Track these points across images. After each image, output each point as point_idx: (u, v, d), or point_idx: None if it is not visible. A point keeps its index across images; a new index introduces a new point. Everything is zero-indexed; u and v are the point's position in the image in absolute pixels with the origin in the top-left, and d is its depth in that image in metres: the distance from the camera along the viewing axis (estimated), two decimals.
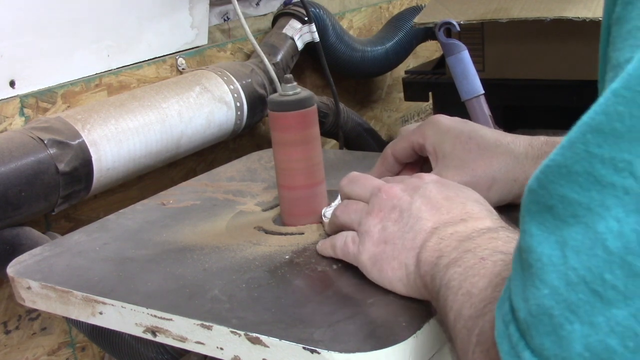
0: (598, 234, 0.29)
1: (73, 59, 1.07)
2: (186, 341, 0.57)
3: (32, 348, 1.03)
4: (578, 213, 0.30)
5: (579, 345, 0.29)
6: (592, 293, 0.28)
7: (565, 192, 0.30)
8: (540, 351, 0.31)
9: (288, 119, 0.70)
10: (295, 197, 0.72)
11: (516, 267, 0.34)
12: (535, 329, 0.31)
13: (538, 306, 0.31)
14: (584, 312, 0.29)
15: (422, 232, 0.54)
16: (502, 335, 0.34)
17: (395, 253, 0.55)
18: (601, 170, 0.29)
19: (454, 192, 0.57)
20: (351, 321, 0.53)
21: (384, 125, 1.85)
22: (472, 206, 0.55)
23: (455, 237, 0.51)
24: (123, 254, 0.71)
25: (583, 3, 1.07)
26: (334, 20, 1.46)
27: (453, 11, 1.19)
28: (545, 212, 0.31)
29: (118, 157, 0.97)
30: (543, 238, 0.31)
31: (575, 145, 0.30)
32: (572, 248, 0.30)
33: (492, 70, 1.28)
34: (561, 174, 0.30)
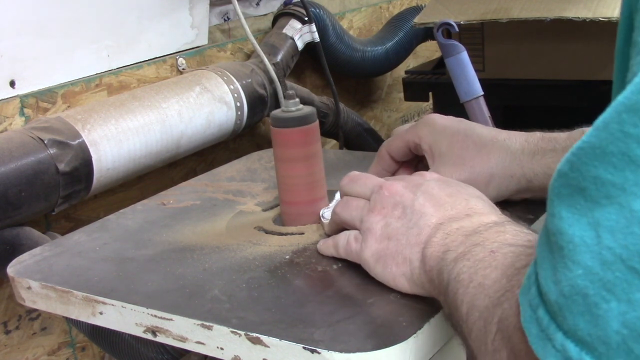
0: (634, 212, 0.28)
1: (73, 59, 1.07)
2: (186, 341, 0.57)
3: (32, 348, 1.03)
4: (612, 194, 0.29)
5: (616, 323, 0.28)
6: (629, 270, 0.28)
7: (598, 173, 0.30)
8: (574, 332, 0.30)
9: (290, 135, 0.71)
10: (297, 212, 0.73)
11: (543, 252, 0.33)
12: (568, 309, 0.30)
13: (571, 287, 0.30)
14: (621, 289, 0.28)
15: (426, 228, 0.54)
16: (529, 320, 0.34)
17: (399, 249, 0.55)
18: (637, 150, 0.28)
19: (455, 188, 0.57)
20: (351, 321, 0.53)
21: (384, 125, 1.85)
22: (475, 202, 0.55)
23: (461, 232, 0.51)
24: (123, 254, 0.71)
25: (583, 3, 1.07)
26: (334, 20, 1.46)
27: (453, 11, 1.19)
28: (577, 195, 0.31)
29: (118, 157, 0.97)
30: (574, 220, 0.31)
31: (610, 125, 0.30)
32: (606, 228, 0.29)
33: (492, 70, 1.28)
34: (595, 155, 0.30)
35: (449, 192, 0.56)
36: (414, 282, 0.54)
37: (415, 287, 0.54)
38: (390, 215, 0.57)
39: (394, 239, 0.56)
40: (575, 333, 0.30)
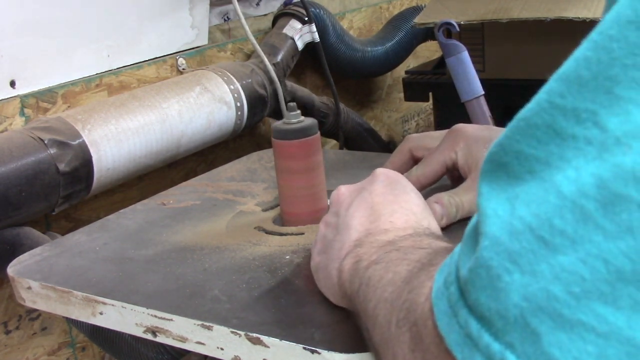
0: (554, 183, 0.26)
1: (73, 59, 1.07)
2: (186, 341, 0.57)
3: (33, 348, 1.03)
4: (534, 168, 0.27)
5: (516, 296, 0.26)
6: (537, 240, 0.26)
7: (521, 148, 0.28)
8: (476, 307, 0.28)
9: (292, 148, 0.71)
10: (299, 222, 0.73)
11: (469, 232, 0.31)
12: (472, 284, 0.28)
13: (476, 259, 0.28)
14: (526, 261, 0.26)
15: (348, 242, 0.52)
16: (440, 297, 0.32)
17: (327, 263, 0.55)
18: (562, 123, 0.26)
19: (393, 196, 0.54)
20: (351, 321, 0.53)
21: (384, 125, 1.85)
22: (399, 216, 0.52)
23: (375, 244, 0.49)
24: (123, 254, 0.71)
25: (583, 3, 1.07)
26: (334, 21, 1.46)
27: (453, 11, 1.19)
28: (499, 170, 0.29)
29: (118, 157, 0.97)
30: (493, 195, 0.28)
31: (539, 96, 0.28)
32: (523, 200, 0.27)
33: (492, 70, 1.28)
34: (519, 128, 0.28)
35: (382, 201, 0.54)
36: (335, 295, 0.53)
37: (339, 301, 0.54)
38: (328, 225, 0.57)
39: (325, 253, 0.55)
40: (477, 308, 0.28)
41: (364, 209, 0.54)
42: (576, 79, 0.26)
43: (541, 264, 0.25)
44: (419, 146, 0.74)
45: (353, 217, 0.53)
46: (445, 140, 0.70)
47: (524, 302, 0.26)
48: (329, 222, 0.57)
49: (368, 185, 0.56)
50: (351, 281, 0.48)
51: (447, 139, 0.69)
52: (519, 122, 0.28)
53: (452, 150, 0.68)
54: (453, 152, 0.68)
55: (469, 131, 0.69)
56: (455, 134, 0.69)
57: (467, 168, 0.68)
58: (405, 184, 0.57)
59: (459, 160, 0.68)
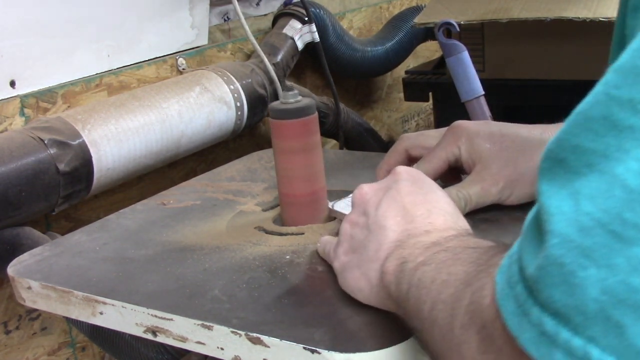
0: (616, 176, 0.26)
1: (73, 59, 1.07)
2: (187, 341, 0.57)
3: (33, 348, 1.03)
4: (593, 162, 0.27)
5: (594, 290, 0.26)
6: (609, 235, 0.26)
7: (579, 142, 0.28)
8: (550, 304, 0.28)
9: (289, 127, 0.70)
10: (296, 203, 0.73)
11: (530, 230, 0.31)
12: (543, 282, 0.28)
13: (546, 257, 0.28)
14: (600, 255, 0.26)
15: (386, 244, 0.52)
16: (505, 297, 0.32)
17: (359, 263, 0.54)
18: (619, 114, 0.26)
19: (422, 195, 0.55)
20: (352, 321, 0.53)
21: (384, 125, 1.85)
22: (436, 217, 0.52)
23: (419, 245, 0.49)
24: (123, 254, 0.71)
25: (583, 3, 1.07)
26: (334, 21, 1.46)
27: (453, 11, 1.19)
28: (556, 167, 0.29)
29: (118, 157, 0.97)
30: (553, 192, 0.28)
31: (596, 89, 0.28)
32: (586, 195, 0.27)
33: (492, 70, 1.28)
34: (576, 122, 0.28)
35: (413, 200, 0.54)
36: (373, 297, 0.53)
37: (374, 302, 0.53)
38: (356, 225, 0.57)
39: (357, 253, 0.55)
40: (551, 306, 0.28)
41: (395, 208, 0.54)
42: (632, 69, 0.26)
43: (617, 258, 0.26)
44: (414, 145, 0.74)
45: (386, 218, 0.53)
46: (446, 137, 0.70)
47: (603, 296, 0.26)
48: (355, 222, 0.57)
49: (393, 184, 0.56)
50: (398, 283, 0.48)
51: (448, 136, 0.70)
52: (577, 116, 0.28)
53: (454, 146, 0.69)
54: (455, 147, 0.69)
55: (470, 126, 0.69)
56: (456, 130, 0.69)
57: (471, 162, 0.68)
58: (430, 182, 0.57)
59: (463, 155, 0.68)
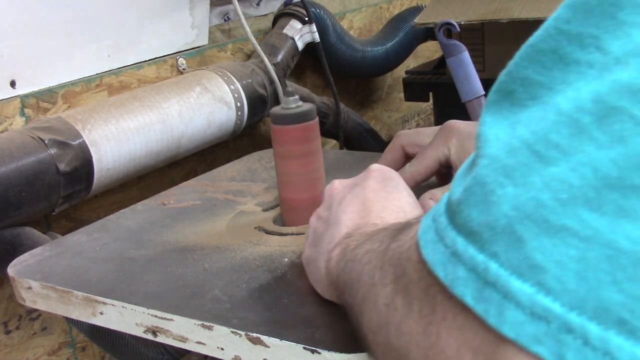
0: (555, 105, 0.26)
1: (73, 59, 1.07)
2: (187, 341, 0.57)
3: (33, 348, 1.03)
4: (538, 94, 0.27)
5: (507, 206, 0.26)
6: (532, 154, 0.26)
7: (527, 74, 0.28)
8: (466, 224, 0.28)
9: (290, 132, 0.71)
10: (297, 208, 0.73)
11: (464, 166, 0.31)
12: (465, 203, 0.28)
13: (473, 178, 0.28)
14: (519, 174, 0.26)
15: (336, 237, 0.52)
16: (426, 230, 0.31)
17: (316, 256, 0.55)
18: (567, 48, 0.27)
19: (385, 193, 0.54)
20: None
21: (384, 126, 1.85)
22: (389, 213, 0.52)
23: (365, 234, 0.48)
24: (123, 254, 0.71)
25: None
26: (334, 21, 1.46)
27: (453, 11, 1.19)
28: (504, 100, 0.29)
29: (118, 157, 0.97)
30: (495, 123, 0.29)
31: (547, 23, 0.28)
32: (523, 122, 0.27)
33: (492, 70, 1.28)
34: (527, 54, 0.28)
35: (373, 197, 0.54)
36: (324, 289, 0.54)
37: (326, 293, 0.54)
38: (320, 218, 0.57)
39: (315, 246, 0.56)
40: (466, 225, 0.28)
41: (355, 204, 0.54)
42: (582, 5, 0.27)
43: (533, 176, 0.26)
44: (410, 143, 0.74)
45: (344, 212, 0.53)
46: (437, 137, 0.70)
47: (512, 212, 0.26)
48: (320, 216, 0.57)
49: (361, 181, 0.56)
50: (337, 266, 0.48)
51: (440, 135, 0.70)
52: (527, 49, 0.28)
53: (445, 146, 0.69)
54: (446, 147, 0.69)
55: (461, 127, 0.69)
56: (448, 130, 0.69)
57: (460, 163, 0.68)
58: (398, 181, 0.57)
59: (452, 155, 0.68)
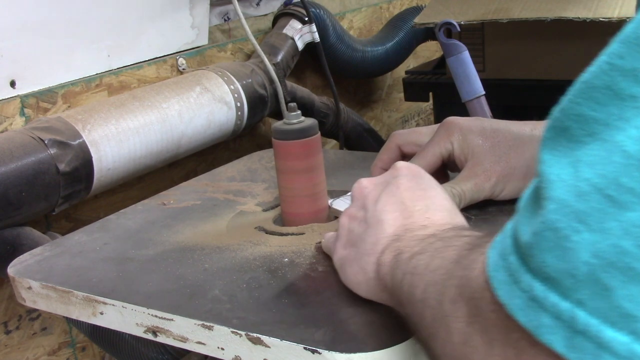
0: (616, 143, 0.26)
1: (73, 59, 1.07)
2: (187, 341, 0.57)
3: (33, 348, 1.03)
4: (595, 130, 0.27)
5: (586, 254, 0.26)
6: (605, 199, 0.26)
7: (582, 111, 0.28)
8: (541, 269, 0.28)
9: (292, 148, 0.71)
10: (299, 222, 0.73)
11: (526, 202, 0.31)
12: (537, 247, 0.28)
13: (542, 222, 0.28)
14: (594, 219, 0.26)
15: (383, 239, 0.52)
16: (497, 268, 0.32)
17: (357, 257, 0.54)
18: (621, 83, 0.27)
19: (421, 191, 0.55)
20: (352, 321, 0.53)
21: (384, 126, 1.85)
22: (434, 212, 0.53)
23: (415, 238, 0.49)
24: (123, 254, 0.71)
25: (583, 3, 1.07)
26: (334, 21, 1.46)
27: (453, 11, 1.19)
28: (560, 137, 0.29)
29: (118, 157, 0.97)
30: (555, 161, 0.29)
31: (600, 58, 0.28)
32: (586, 163, 0.27)
33: (492, 70, 1.28)
34: (580, 91, 0.28)
35: (411, 195, 0.54)
36: (370, 291, 0.53)
37: (372, 296, 0.54)
38: (354, 218, 0.57)
39: (355, 247, 0.55)
40: (542, 271, 0.28)
41: (393, 203, 0.54)
42: (636, 39, 0.27)
43: (610, 222, 0.26)
44: (407, 142, 0.74)
45: (384, 212, 0.54)
46: (439, 133, 0.71)
47: (594, 259, 0.26)
48: (354, 216, 0.57)
49: (392, 179, 0.57)
50: (393, 274, 0.48)
51: (441, 131, 0.70)
52: (580, 85, 0.28)
53: (447, 142, 0.69)
54: (448, 142, 0.69)
55: (462, 122, 0.70)
56: (449, 126, 0.70)
57: (464, 157, 0.69)
58: (429, 178, 0.57)
59: (455, 150, 0.69)
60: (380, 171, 0.74)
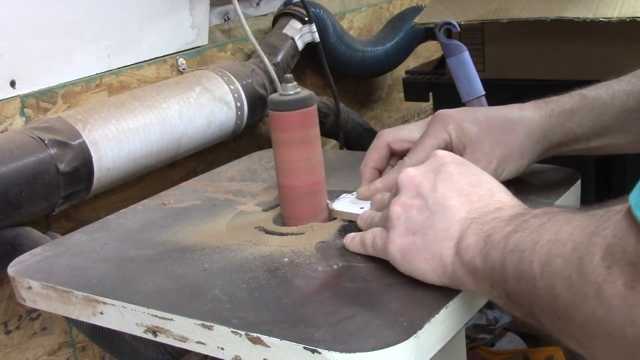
0: None
1: (73, 59, 1.07)
2: (187, 341, 0.57)
3: (33, 348, 1.03)
4: None
5: None
6: None
7: None
8: None
9: (288, 119, 0.70)
10: (296, 195, 0.72)
11: None
12: None
13: None
14: None
15: (456, 223, 0.54)
16: None
17: (427, 244, 0.55)
18: None
19: (475, 177, 0.57)
20: (352, 321, 0.53)
21: (384, 126, 1.85)
22: (500, 195, 0.55)
23: (500, 219, 0.51)
24: (123, 254, 0.71)
25: (583, 3, 1.07)
26: (334, 21, 1.46)
27: (453, 11, 1.19)
28: None
29: (118, 157, 0.97)
30: None
31: None
32: None
33: (492, 70, 1.28)
34: None
35: (469, 181, 0.56)
36: (447, 276, 0.54)
37: (448, 281, 0.55)
38: (411, 207, 0.57)
39: (420, 234, 0.56)
40: None
41: (454, 189, 0.56)
42: None
43: None
44: (397, 139, 0.76)
45: (448, 198, 0.55)
46: (434, 125, 0.72)
47: None
48: (409, 204, 0.58)
49: (441, 167, 0.58)
50: (485, 255, 0.50)
51: (435, 124, 0.72)
52: None
53: (444, 133, 0.71)
54: (446, 133, 0.71)
55: (455, 113, 0.72)
56: (442, 118, 0.72)
57: (462, 146, 0.71)
58: (473, 165, 0.60)
59: (453, 140, 0.71)
60: (372, 170, 0.75)
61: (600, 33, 1.12)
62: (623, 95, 0.71)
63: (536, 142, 0.71)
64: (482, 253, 0.50)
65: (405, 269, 0.57)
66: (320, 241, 0.69)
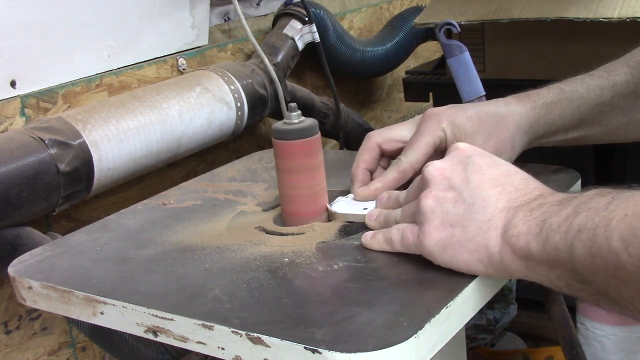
0: None
1: (74, 59, 1.07)
2: (187, 341, 0.57)
3: (33, 348, 1.03)
4: None
5: None
6: None
7: None
8: None
9: (292, 147, 0.71)
10: (300, 222, 0.73)
11: None
12: None
13: None
14: None
15: (498, 212, 0.55)
16: None
17: (469, 235, 0.55)
18: None
19: (504, 167, 0.59)
20: (352, 321, 0.53)
21: (384, 126, 1.85)
22: (535, 183, 0.56)
23: (550, 204, 0.52)
24: (124, 254, 0.71)
25: (583, 3, 1.07)
26: (334, 21, 1.46)
27: (453, 11, 1.19)
28: None
29: (119, 157, 0.97)
30: None
31: None
32: None
33: (492, 70, 1.28)
34: None
35: (501, 172, 0.58)
36: (493, 266, 0.55)
37: (494, 271, 0.55)
38: (444, 200, 0.58)
39: (459, 226, 0.56)
40: None
41: (487, 180, 0.57)
42: None
43: None
44: (386, 139, 0.77)
45: (483, 189, 0.56)
46: (426, 123, 0.73)
47: None
48: (442, 197, 0.58)
49: (467, 159, 0.60)
50: (545, 239, 0.50)
51: (428, 122, 0.73)
52: None
53: (438, 130, 0.73)
54: (440, 130, 0.73)
55: (446, 110, 0.74)
56: (435, 116, 0.74)
57: (456, 142, 0.71)
58: (495, 156, 0.62)
59: (448, 137, 0.72)
60: (364, 172, 0.76)
61: (600, 33, 1.12)
62: (597, 89, 0.73)
63: (524, 133, 0.73)
64: (539, 238, 0.51)
65: (445, 262, 0.57)
66: (320, 241, 0.69)
